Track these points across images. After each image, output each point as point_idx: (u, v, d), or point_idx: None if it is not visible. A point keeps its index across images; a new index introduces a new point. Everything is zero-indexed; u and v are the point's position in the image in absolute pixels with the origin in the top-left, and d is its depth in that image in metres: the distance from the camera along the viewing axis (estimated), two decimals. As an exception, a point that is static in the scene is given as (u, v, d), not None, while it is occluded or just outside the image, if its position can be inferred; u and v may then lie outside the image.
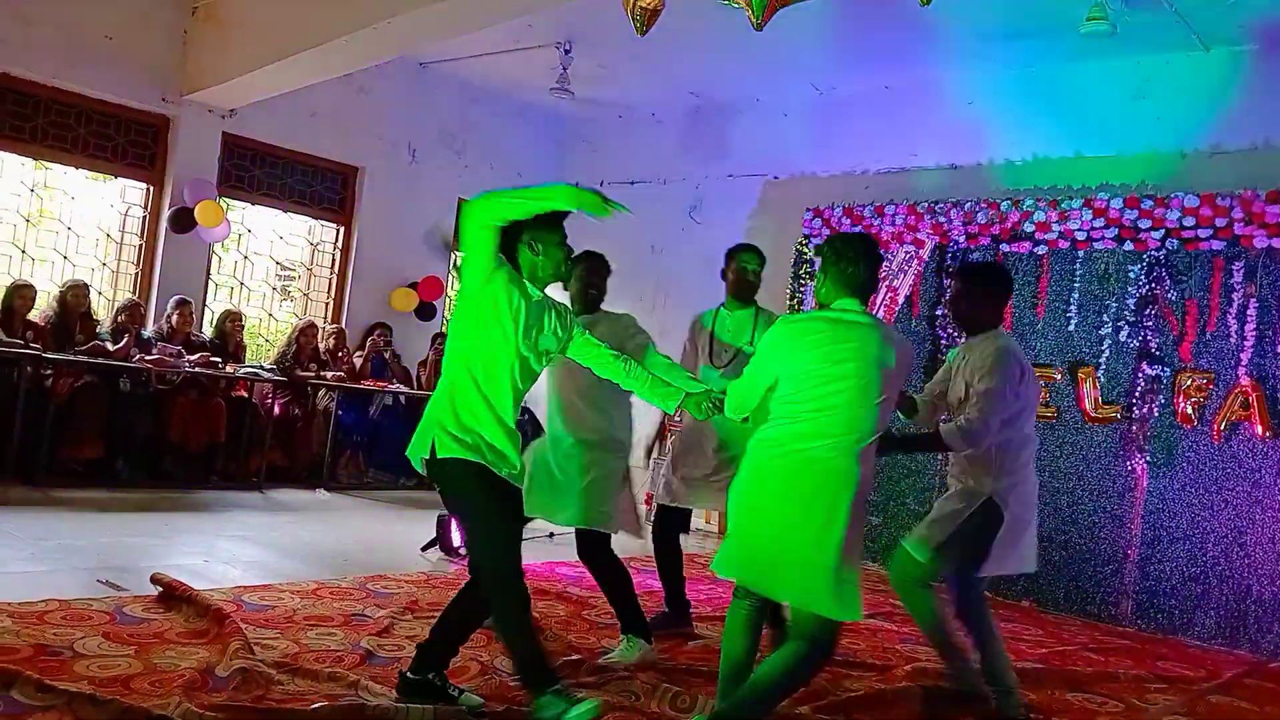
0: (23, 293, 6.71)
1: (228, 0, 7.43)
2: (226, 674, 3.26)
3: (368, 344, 8.52)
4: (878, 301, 7.22)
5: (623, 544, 4.16)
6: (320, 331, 8.29)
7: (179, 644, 3.60)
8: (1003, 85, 7.21)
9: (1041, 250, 6.61)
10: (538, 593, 4.94)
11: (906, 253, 7.21)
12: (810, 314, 3.27)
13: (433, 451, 3.13)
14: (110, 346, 6.82)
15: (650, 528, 4.58)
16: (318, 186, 8.81)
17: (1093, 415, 6.28)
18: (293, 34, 6.81)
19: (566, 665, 3.78)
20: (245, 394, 7.68)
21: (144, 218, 7.88)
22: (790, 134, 8.36)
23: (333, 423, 7.97)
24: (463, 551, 5.46)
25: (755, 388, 3.18)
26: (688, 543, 4.83)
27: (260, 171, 8.45)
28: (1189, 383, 5.96)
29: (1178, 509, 5.93)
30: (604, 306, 4.17)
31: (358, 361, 8.40)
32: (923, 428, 3.94)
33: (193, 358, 7.10)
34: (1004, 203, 6.79)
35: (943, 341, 6.88)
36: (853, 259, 3.16)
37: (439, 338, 9.04)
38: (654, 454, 5.65)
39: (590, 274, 4.10)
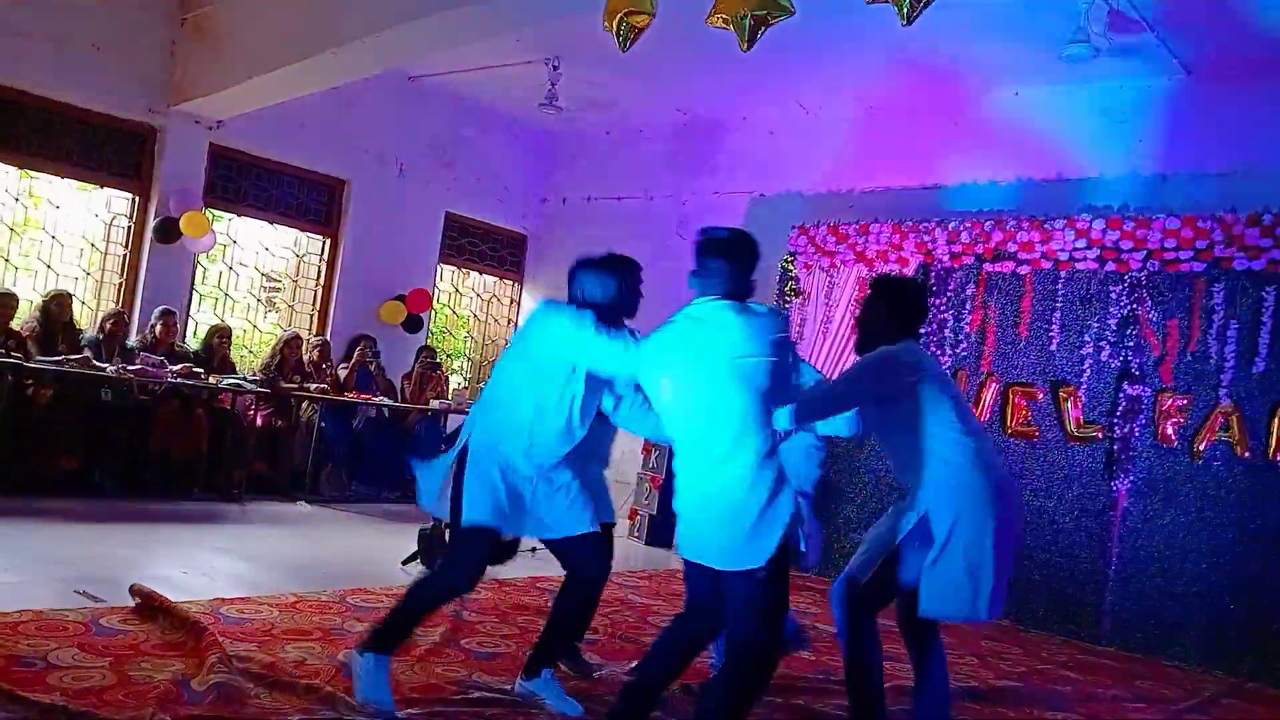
0: (5, 301, 6.67)
1: (216, 12, 7.44)
2: (203, 688, 3.24)
3: (354, 356, 8.50)
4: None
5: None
6: (305, 343, 8.27)
7: (155, 656, 3.58)
8: (987, 106, 7.28)
9: (1024, 270, 6.66)
10: (518, 608, 4.95)
11: (892, 271, 7.25)
12: None
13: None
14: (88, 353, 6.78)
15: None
16: (304, 198, 8.81)
17: (1074, 435, 6.31)
18: (281, 46, 6.82)
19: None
20: (228, 405, 7.65)
21: (129, 228, 7.86)
22: (776, 152, 8.41)
23: (315, 435, 7.94)
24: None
25: None
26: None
27: (247, 183, 8.44)
28: (1169, 403, 6.01)
29: (1157, 529, 5.96)
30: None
31: (342, 373, 8.38)
32: None
33: (175, 368, 7.07)
34: (987, 222, 6.84)
35: (926, 360, 6.91)
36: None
37: (424, 351, 9.03)
38: None
39: None
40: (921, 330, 6.88)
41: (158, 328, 7.32)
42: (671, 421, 2.99)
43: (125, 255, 7.86)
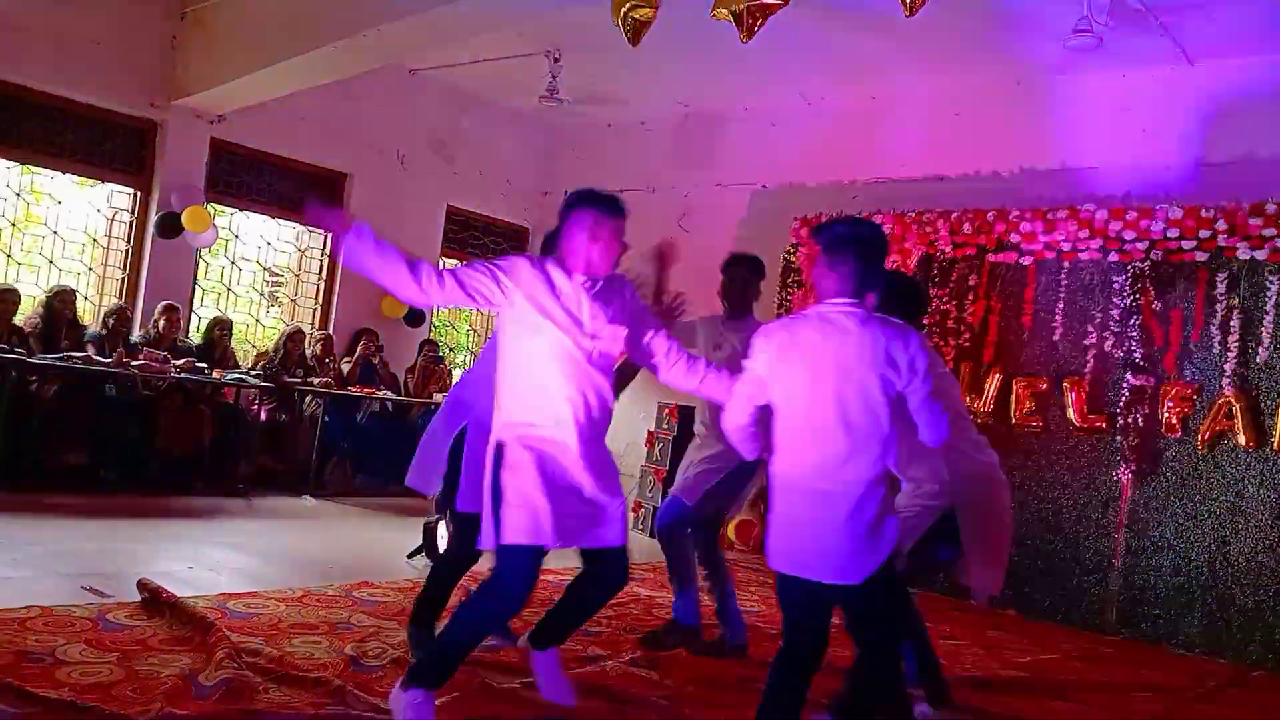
0: (7, 297, 6.67)
1: (217, 6, 7.43)
2: (211, 683, 3.24)
3: (358, 350, 8.51)
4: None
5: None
6: (308, 338, 8.27)
7: (162, 651, 3.58)
8: (989, 96, 7.26)
9: (1027, 261, 6.65)
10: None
11: (893, 263, 7.24)
12: None
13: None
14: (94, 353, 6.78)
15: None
16: (306, 192, 8.78)
17: (1079, 425, 6.31)
18: (282, 40, 6.81)
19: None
20: (231, 400, 7.66)
21: (131, 223, 7.85)
22: (778, 144, 8.39)
23: (319, 429, 7.94)
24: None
25: None
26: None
27: (248, 177, 8.43)
28: (1174, 393, 6.00)
29: (1162, 518, 5.96)
30: None
31: (345, 368, 8.38)
32: None
33: (178, 362, 7.07)
34: (990, 213, 6.83)
35: (929, 351, 6.91)
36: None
37: (427, 344, 9.03)
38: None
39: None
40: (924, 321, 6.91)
41: (161, 323, 7.32)
42: (785, 421, 2.91)
43: (127, 250, 7.85)
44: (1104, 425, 6.22)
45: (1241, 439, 5.74)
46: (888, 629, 2.92)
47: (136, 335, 7.32)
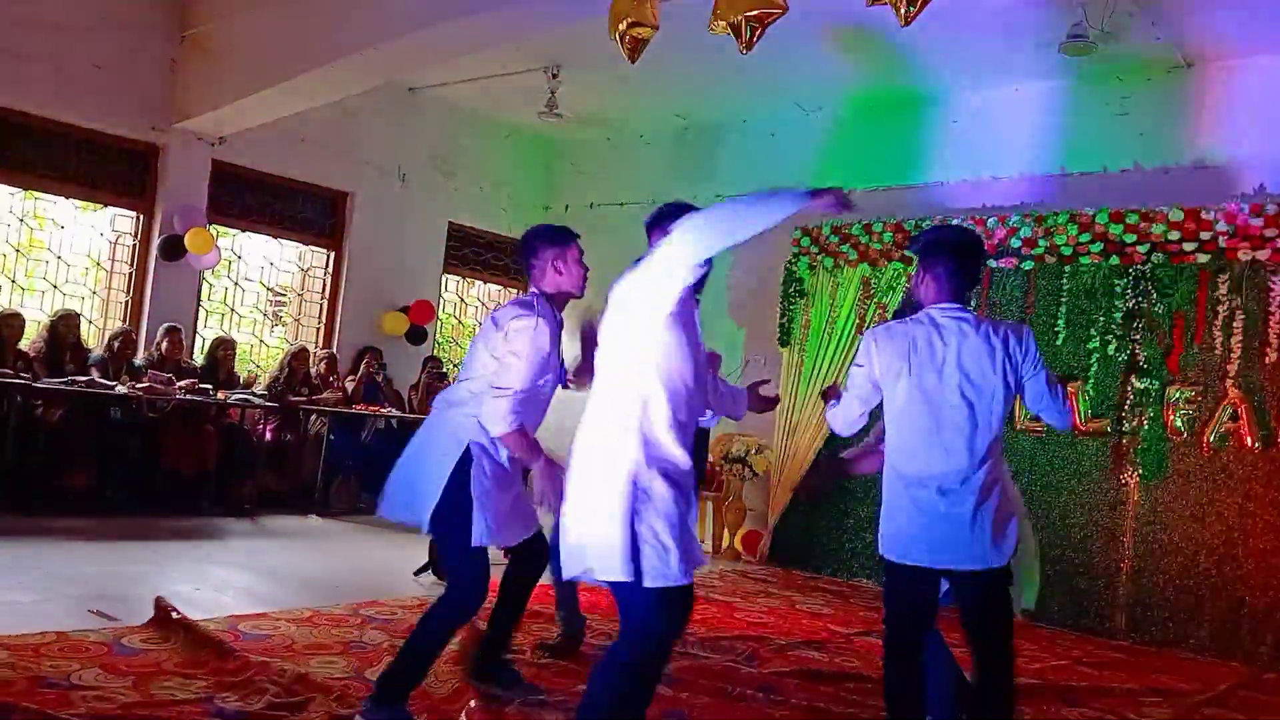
0: (11, 322, 6.70)
1: (216, 29, 7.46)
2: (231, 708, 3.25)
3: (361, 369, 8.52)
4: (866, 318, 7.27)
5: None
6: (312, 356, 8.29)
7: (178, 674, 3.58)
8: (987, 103, 7.29)
9: (1028, 266, 6.67)
10: (529, 615, 4.94)
11: (894, 270, 7.27)
12: None
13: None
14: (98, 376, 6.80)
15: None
16: (308, 212, 8.83)
17: (1083, 429, 6.32)
18: (281, 61, 6.85)
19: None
20: (236, 420, 7.67)
21: (134, 246, 7.88)
22: (777, 154, 8.42)
23: (324, 448, 7.95)
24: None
25: None
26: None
27: (250, 198, 8.46)
28: (1177, 395, 6.01)
29: (1169, 521, 5.97)
30: None
31: (349, 386, 8.39)
32: None
33: (181, 383, 7.08)
34: (990, 219, 6.85)
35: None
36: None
37: (430, 361, 9.05)
38: None
39: None
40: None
41: (164, 345, 7.34)
42: (902, 420, 3.01)
43: (131, 273, 7.88)
44: (1108, 429, 6.23)
45: (1247, 440, 5.75)
46: (1010, 615, 3.09)
47: (140, 358, 7.34)
